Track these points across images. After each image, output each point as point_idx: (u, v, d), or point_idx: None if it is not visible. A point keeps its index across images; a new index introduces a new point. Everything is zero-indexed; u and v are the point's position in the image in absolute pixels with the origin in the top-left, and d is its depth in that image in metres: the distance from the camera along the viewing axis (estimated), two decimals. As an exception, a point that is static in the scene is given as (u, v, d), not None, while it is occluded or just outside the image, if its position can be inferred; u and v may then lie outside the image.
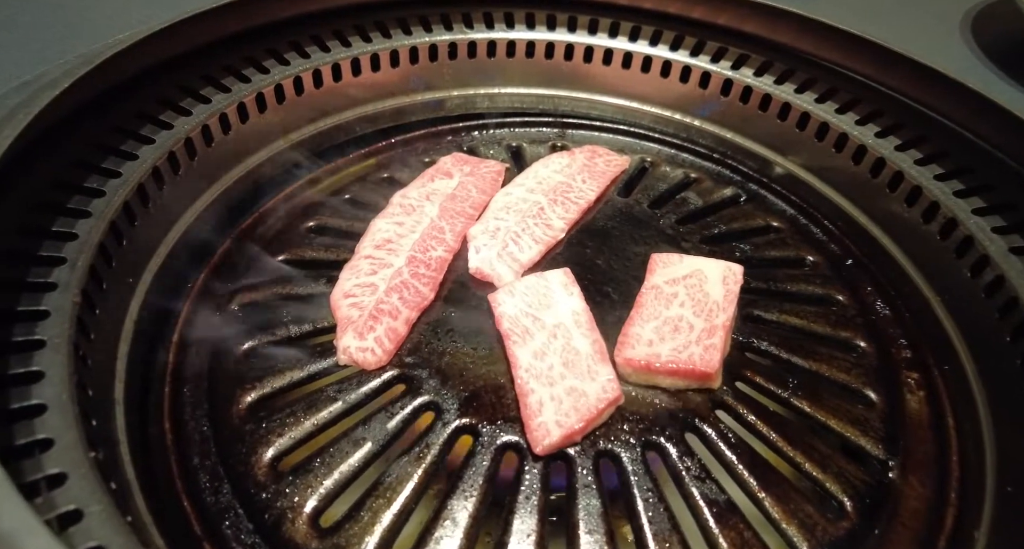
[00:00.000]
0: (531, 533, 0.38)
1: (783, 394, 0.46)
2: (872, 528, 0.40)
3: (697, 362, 0.44)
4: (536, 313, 0.47)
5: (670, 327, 0.46)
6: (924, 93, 0.55)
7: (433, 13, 0.64)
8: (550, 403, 0.42)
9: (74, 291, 0.38)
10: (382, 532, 0.38)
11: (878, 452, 0.44)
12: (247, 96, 0.55)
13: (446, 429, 0.42)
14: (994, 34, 0.90)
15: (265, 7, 0.57)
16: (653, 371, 0.44)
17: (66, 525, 0.28)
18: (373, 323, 0.46)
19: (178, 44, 0.52)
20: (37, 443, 0.31)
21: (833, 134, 0.59)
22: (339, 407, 0.43)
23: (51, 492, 0.29)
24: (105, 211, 0.43)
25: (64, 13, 0.76)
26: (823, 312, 0.51)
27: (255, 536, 0.38)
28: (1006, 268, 0.45)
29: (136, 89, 0.50)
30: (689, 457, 0.42)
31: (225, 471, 0.40)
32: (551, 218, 0.56)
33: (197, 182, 0.53)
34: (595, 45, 0.65)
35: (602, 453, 0.42)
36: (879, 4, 0.99)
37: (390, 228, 0.54)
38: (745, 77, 0.62)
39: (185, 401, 0.44)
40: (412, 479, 0.40)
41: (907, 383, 0.48)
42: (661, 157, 0.65)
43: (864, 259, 0.56)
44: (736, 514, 0.39)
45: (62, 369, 0.34)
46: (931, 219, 0.52)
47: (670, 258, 0.51)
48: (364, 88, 0.62)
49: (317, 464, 0.40)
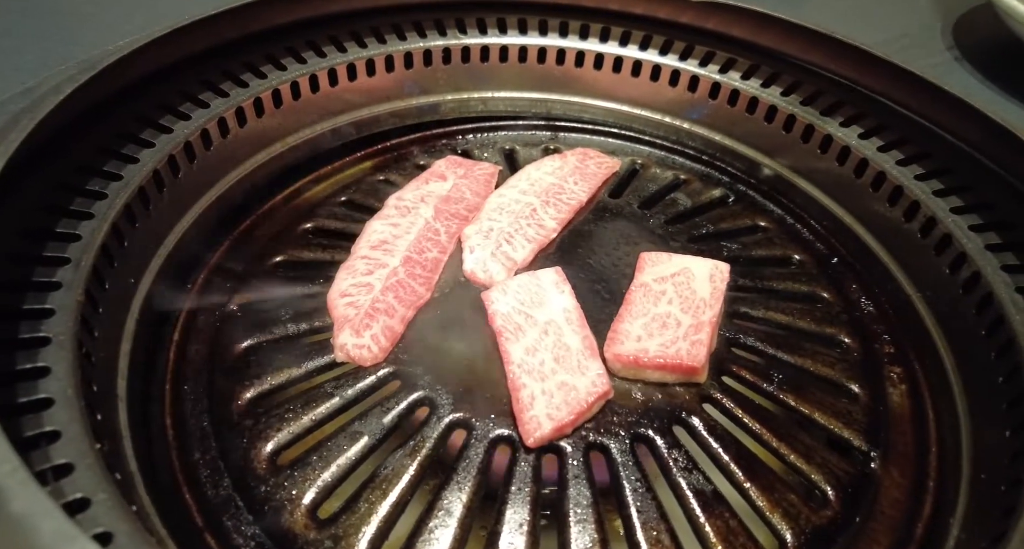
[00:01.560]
0: (523, 523, 0.40)
1: (769, 388, 0.47)
2: (854, 516, 0.41)
3: (684, 357, 0.45)
4: (528, 311, 0.48)
5: (658, 323, 0.47)
6: (906, 96, 0.57)
7: (427, 19, 0.65)
8: (541, 397, 0.43)
9: (78, 290, 0.39)
10: (378, 523, 0.39)
11: (861, 443, 0.45)
12: (245, 101, 0.56)
13: (440, 423, 0.43)
14: (975, 39, 0.92)
15: (262, 14, 0.58)
16: (641, 366, 0.45)
17: (74, 512, 0.29)
18: (369, 321, 0.48)
19: (178, 50, 0.53)
20: (44, 435, 0.32)
21: (818, 136, 0.60)
22: (336, 403, 0.44)
23: (59, 481, 0.30)
24: (107, 213, 0.44)
25: (66, 20, 0.77)
26: (809, 309, 0.53)
27: (254, 527, 0.39)
28: (982, 265, 0.47)
29: (137, 94, 0.51)
30: (677, 449, 0.43)
31: (225, 465, 0.41)
32: (543, 219, 0.58)
33: (197, 185, 0.54)
34: (586, 50, 0.67)
35: (592, 445, 0.43)
36: (864, 9, 1.02)
37: (386, 229, 0.55)
38: (733, 81, 0.64)
39: (186, 397, 0.45)
40: (407, 472, 0.41)
41: (890, 377, 0.50)
42: (651, 159, 0.67)
43: (849, 257, 0.58)
44: (722, 504, 0.41)
45: (67, 365, 0.35)
46: (912, 218, 0.53)
47: (659, 257, 0.52)
48: (360, 92, 0.64)
49: (315, 458, 0.42)
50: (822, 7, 1.02)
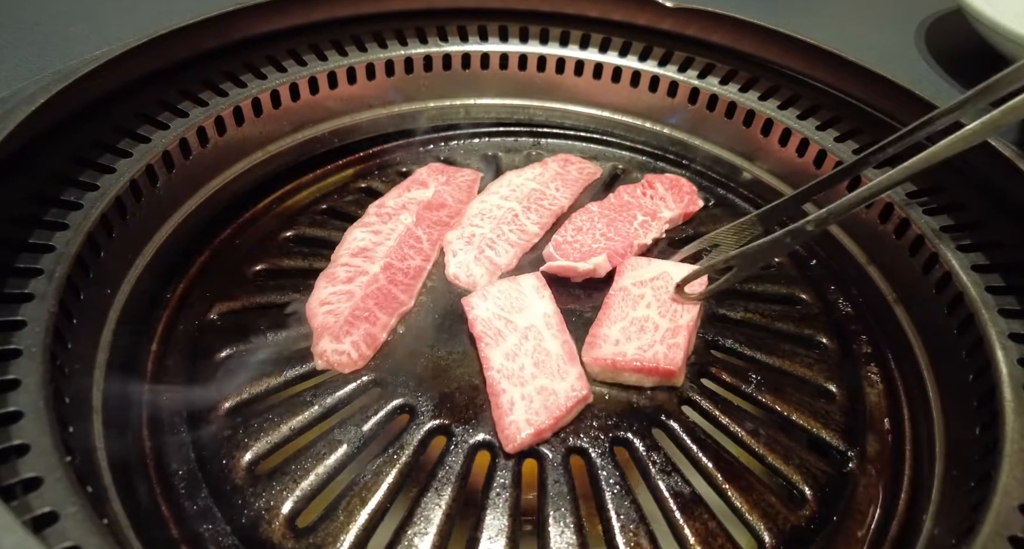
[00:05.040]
0: (503, 528, 0.39)
1: (747, 390, 0.47)
2: (831, 515, 0.42)
3: (661, 360, 0.45)
4: (508, 316, 0.48)
5: (636, 327, 0.47)
6: (878, 99, 0.58)
7: (408, 27, 0.66)
8: (521, 402, 0.43)
9: (50, 301, 0.39)
10: (357, 531, 0.39)
11: (839, 444, 0.45)
12: (225, 110, 0.56)
13: (420, 430, 0.43)
14: (946, 44, 0.94)
15: (242, 23, 0.58)
16: (619, 369, 0.45)
17: (41, 526, 0.29)
18: (349, 328, 0.47)
19: (156, 60, 0.53)
20: (13, 449, 0.32)
21: (795, 139, 0.61)
22: (315, 411, 0.44)
23: (27, 496, 0.30)
24: (82, 223, 0.44)
25: (41, 30, 0.77)
26: (787, 310, 0.53)
27: (232, 537, 0.39)
28: (954, 265, 0.47)
29: (114, 103, 0.51)
30: (656, 452, 0.43)
31: (203, 476, 0.41)
32: (526, 224, 0.58)
33: (175, 194, 0.54)
34: (567, 57, 0.67)
35: (572, 449, 0.43)
36: (839, 16, 1.03)
37: (366, 236, 0.55)
38: (711, 86, 0.65)
39: (163, 408, 0.44)
40: (387, 479, 0.41)
41: (867, 377, 0.50)
42: (632, 164, 0.67)
43: (827, 259, 0.59)
44: (701, 505, 0.41)
45: (38, 377, 0.35)
46: (887, 220, 0.54)
47: (638, 261, 0.53)
48: (341, 101, 0.64)
49: (294, 467, 0.41)
50: (799, 12, 1.03)
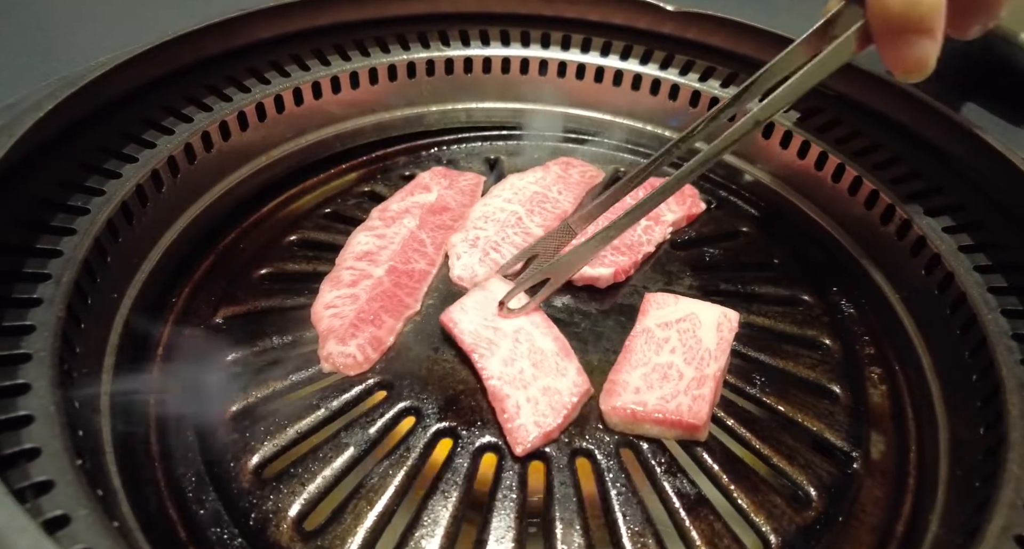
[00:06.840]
0: (510, 529, 0.40)
1: (751, 391, 0.48)
2: (837, 516, 0.42)
3: (684, 413, 0.42)
4: (493, 323, 0.48)
5: (659, 374, 0.44)
6: (877, 101, 0.58)
7: (411, 32, 0.66)
8: (527, 405, 0.43)
9: (59, 306, 0.39)
10: (364, 533, 0.39)
11: (843, 444, 0.45)
12: (229, 115, 0.56)
13: (426, 432, 0.44)
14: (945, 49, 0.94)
15: (246, 28, 0.58)
16: (639, 419, 0.43)
17: (53, 529, 0.29)
18: (355, 331, 0.48)
19: (160, 66, 0.54)
20: (24, 453, 0.32)
21: (796, 142, 0.61)
22: (322, 414, 0.44)
23: (38, 499, 0.30)
24: (89, 228, 0.44)
25: (45, 36, 0.77)
26: (790, 312, 0.54)
27: (240, 540, 0.39)
28: (955, 266, 0.48)
29: (119, 110, 0.51)
30: (662, 453, 0.43)
31: (210, 479, 0.41)
32: (529, 227, 0.58)
33: (181, 199, 0.54)
34: (567, 60, 0.68)
35: (578, 451, 0.43)
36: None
37: (370, 240, 0.55)
38: (712, 89, 0.65)
39: (170, 412, 0.45)
40: (394, 482, 0.41)
41: (870, 378, 0.50)
42: (634, 167, 0.67)
43: (829, 260, 0.59)
44: (706, 506, 0.41)
45: (48, 381, 0.35)
46: (889, 220, 0.54)
47: (664, 299, 0.49)
48: (344, 105, 0.64)
49: (300, 470, 0.41)
50: (798, 14, 1.04)
